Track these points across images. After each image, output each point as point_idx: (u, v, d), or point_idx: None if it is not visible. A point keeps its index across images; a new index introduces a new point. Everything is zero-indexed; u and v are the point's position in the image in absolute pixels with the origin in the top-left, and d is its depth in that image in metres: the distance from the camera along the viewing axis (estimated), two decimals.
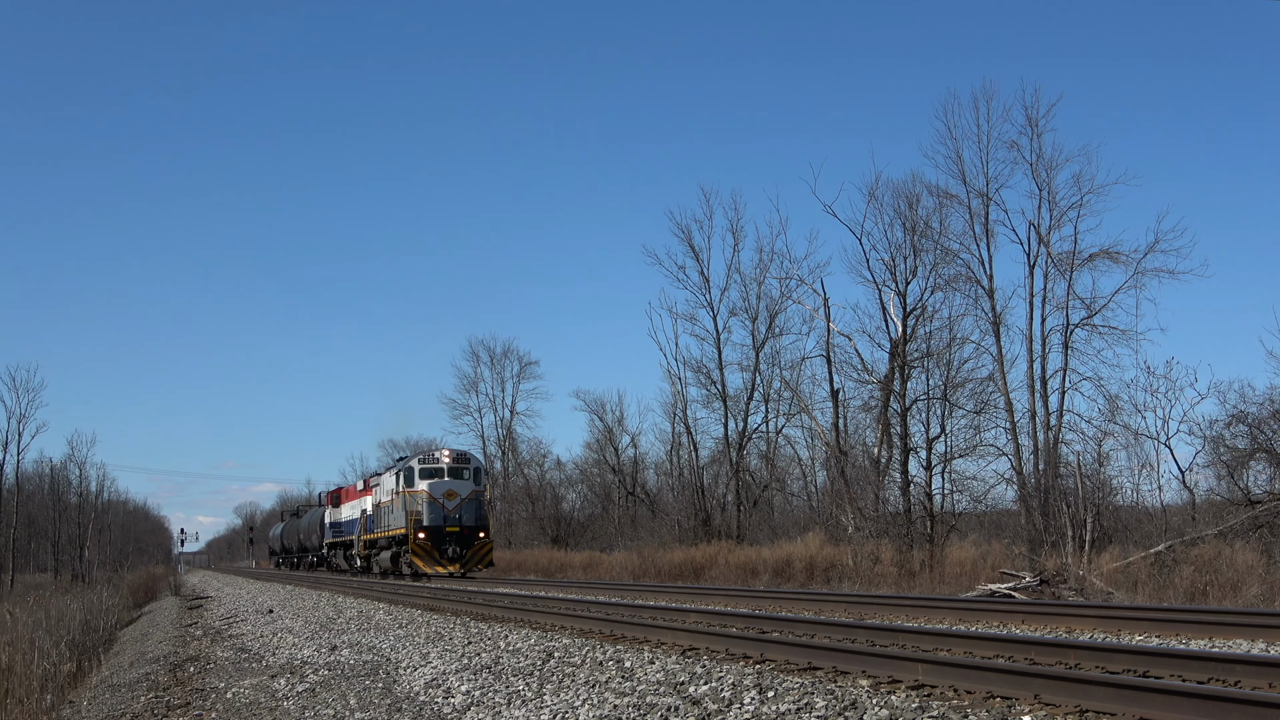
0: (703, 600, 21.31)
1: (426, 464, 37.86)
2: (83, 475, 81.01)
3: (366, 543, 44.02)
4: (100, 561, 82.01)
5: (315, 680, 11.59)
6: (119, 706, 11.72)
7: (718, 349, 42.62)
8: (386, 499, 40.26)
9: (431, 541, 35.91)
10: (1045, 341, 30.48)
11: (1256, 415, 26.61)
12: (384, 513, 40.56)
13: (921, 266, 33.26)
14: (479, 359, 62.86)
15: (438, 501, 36.47)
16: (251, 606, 26.14)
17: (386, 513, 40.11)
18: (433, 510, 36.29)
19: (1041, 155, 30.89)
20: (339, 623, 18.40)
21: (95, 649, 20.58)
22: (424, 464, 37.87)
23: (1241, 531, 23.51)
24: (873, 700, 7.76)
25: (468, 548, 36.26)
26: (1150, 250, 29.16)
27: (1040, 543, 25.27)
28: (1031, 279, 30.93)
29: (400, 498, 37.69)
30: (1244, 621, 11.98)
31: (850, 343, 34.89)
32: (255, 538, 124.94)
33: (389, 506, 39.79)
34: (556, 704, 8.80)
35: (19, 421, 64.43)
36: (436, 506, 36.36)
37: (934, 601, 17.30)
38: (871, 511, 31.68)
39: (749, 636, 11.59)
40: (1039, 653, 9.72)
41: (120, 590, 41.69)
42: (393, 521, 38.97)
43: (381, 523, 41.02)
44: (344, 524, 50.33)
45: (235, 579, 58.24)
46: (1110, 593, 20.41)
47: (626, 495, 53.50)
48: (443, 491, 36.62)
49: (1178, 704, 6.75)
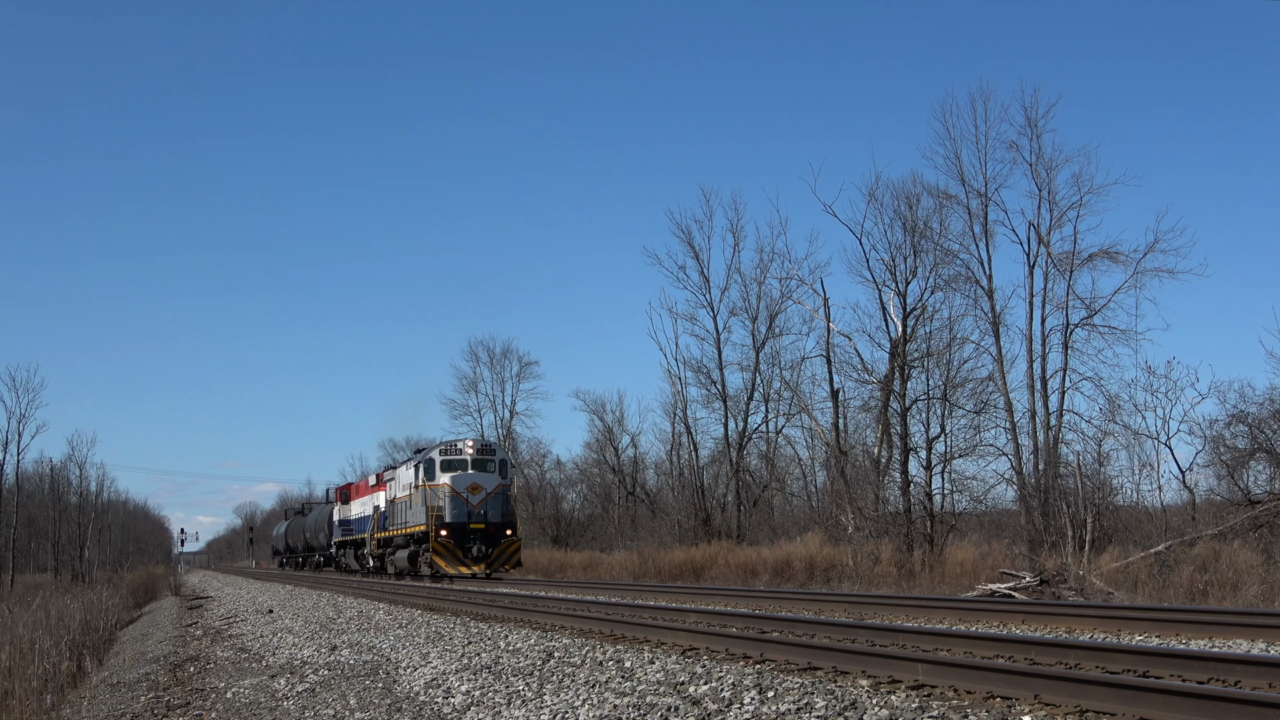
0: (703, 600, 21.31)
1: (449, 455, 35.20)
2: (83, 475, 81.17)
3: (380, 541, 41.80)
4: (100, 561, 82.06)
5: (315, 680, 11.59)
6: (119, 706, 11.72)
7: (718, 349, 42.69)
8: (403, 494, 37.95)
9: (454, 540, 33.39)
10: (1045, 341, 30.52)
11: (1256, 415, 26.64)
12: (400, 509, 38.24)
13: (921, 266, 33.33)
14: (478, 359, 62.84)
15: (461, 496, 33.94)
16: (251, 606, 26.14)
17: (403, 509, 37.79)
18: (456, 505, 33.78)
19: (1041, 155, 30.96)
20: (339, 623, 18.40)
21: (95, 649, 20.59)
22: (446, 455, 35.21)
23: (1241, 531, 23.52)
24: (873, 700, 7.76)
25: (493, 546, 33.82)
26: (1150, 250, 29.24)
27: (1040, 543, 25.28)
28: (1031, 279, 30.99)
29: (420, 492, 35.25)
30: (1244, 621, 11.98)
31: (850, 343, 34.96)
32: (255, 537, 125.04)
33: (406, 502, 37.34)
34: (556, 704, 8.80)
35: (19, 421, 64.56)
36: (460, 501, 33.86)
37: (934, 601, 17.30)
38: (871, 511, 31.68)
39: (749, 636, 11.59)
40: (1039, 653, 9.72)
41: (120, 590, 41.70)
42: (410, 518, 36.52)
43: (397, 519, 38.76)
44: (354, 522, 48.08)
45: (235, 579, 58.24)
46: (1110, 593, 20.41)
47: (626, 495, 53.50)
48: (466, 485, 34.10)
49: (1178, 704, 6.75)
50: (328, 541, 54.80)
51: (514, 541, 34.40)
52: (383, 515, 41.30)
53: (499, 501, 34.50)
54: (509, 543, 34.19)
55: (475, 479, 34.36)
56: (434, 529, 33.41)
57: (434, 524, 33.49)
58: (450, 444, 36.05)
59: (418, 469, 35.71)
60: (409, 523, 36.67)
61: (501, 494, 34.71)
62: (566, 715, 8.39)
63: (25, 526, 72.36)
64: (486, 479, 34.61)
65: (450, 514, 33.69)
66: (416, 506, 35.57)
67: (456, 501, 33.82)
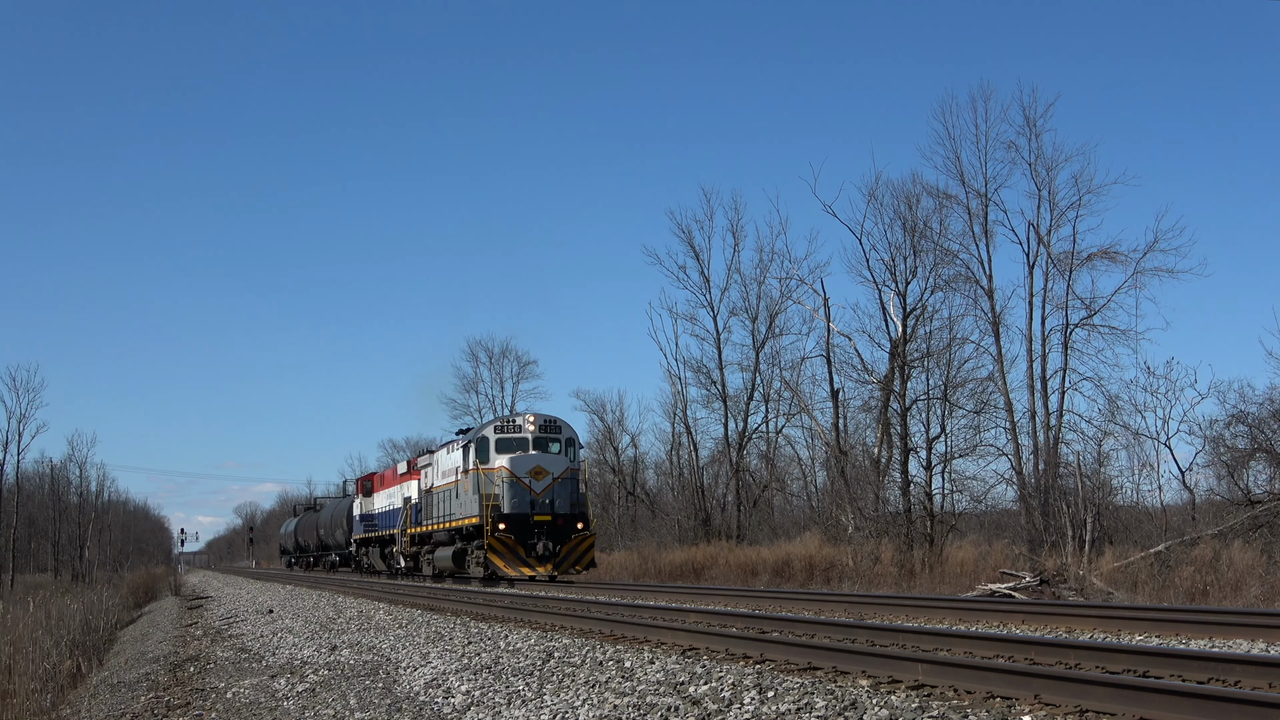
0: (703, 600, 21.31)
1: (506, 433, 30.17)
2: (83, 475, 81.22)
3: (416, 538, 36.80)
4: (100, 561, 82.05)
5: (315, 680, 11.59)
6: (119, 706, 11.72)
7: (718, 349, 42.67)
8: (444, 482, 33.10)
9: (515, 535, 28.39)
10: (1045, 341, 30.54)
11: (1256, 415, 26.66)
12: (440, 500, 33.38)
13: (921, 267, 33.36)
14: (478, 359, 62.79)
15: (522, 482, 28.78)
16: (251, 606, 26.13)
17: (444, 499, 32.90)
18: (516, 493, 28.68)
19: (1040, 155, 30.98)
20: (339, 623, 18.40)
21: (95, 649, 20.59)
22: (502, 433, 30.19)
23: (1241, 531, 23.53)
24: (873, 700, 7.76)
25: (562, 542, 28.76)
26: (1150, 250, 29.28)
27: (1040, 543, 25.30)
28: (1031, 279, 31.02)
29: (470, 478, 30.01)
30: (1244, 621, 11.98)
31: (850, 343, 34.98)
32: (256, 537, 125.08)
33: (449, 491, 32.36)
34: (556, 704, 8.80)
35: (19, 421, 64.55)
36: (520, 489, 28.74)
37: (934, 601, 17.31)
38: (871, 511, 31.70)
39: (749, 636, 11.59)
40: (1039, 653, 9.72)
41: (120, 590, 41.68)
42: (456, 509, 31.56)
43: (436, 512, 33.90)
44: (379, 516, 43.28)
45: (235, 579, 58.23)
46: (1110, 593, 20.42)
47: (626, 495, 53.48)
48: (528, 469, 28.95)
49: (1178, 704, 6.75)
50: (346, 539, 51.00)
51: (587, 537, 29.30)
52: (415, 508, 36.90)
53: (567, 488, 29.43)
54: (581, 539, 29.14)
55: (539, 461, 29.33)
56: (490, 522, 28.43)
57: (490, 515, 28.48)
58: (506, 419, 31.21)
59: (466, 451, 30.61)
60: (453, 515, 31.79)
61: (570, 480, 29.61)
62: (566, 715, 8.39)
63: (25, 526, 72.38)
64: (552, 461, 29.68)
65: (510, 503, 28.62)
66: (465, 495, 30.66)
67: (516, 488, 28.78)
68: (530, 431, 30.19)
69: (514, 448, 29.75)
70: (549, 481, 29.06)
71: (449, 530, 32.17)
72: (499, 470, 29.11)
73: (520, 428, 30.31)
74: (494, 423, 31.02)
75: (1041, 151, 30.96)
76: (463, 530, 30.81)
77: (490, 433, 30.29)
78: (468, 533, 30.38)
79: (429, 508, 34.77)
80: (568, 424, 31.13)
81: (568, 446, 30.57)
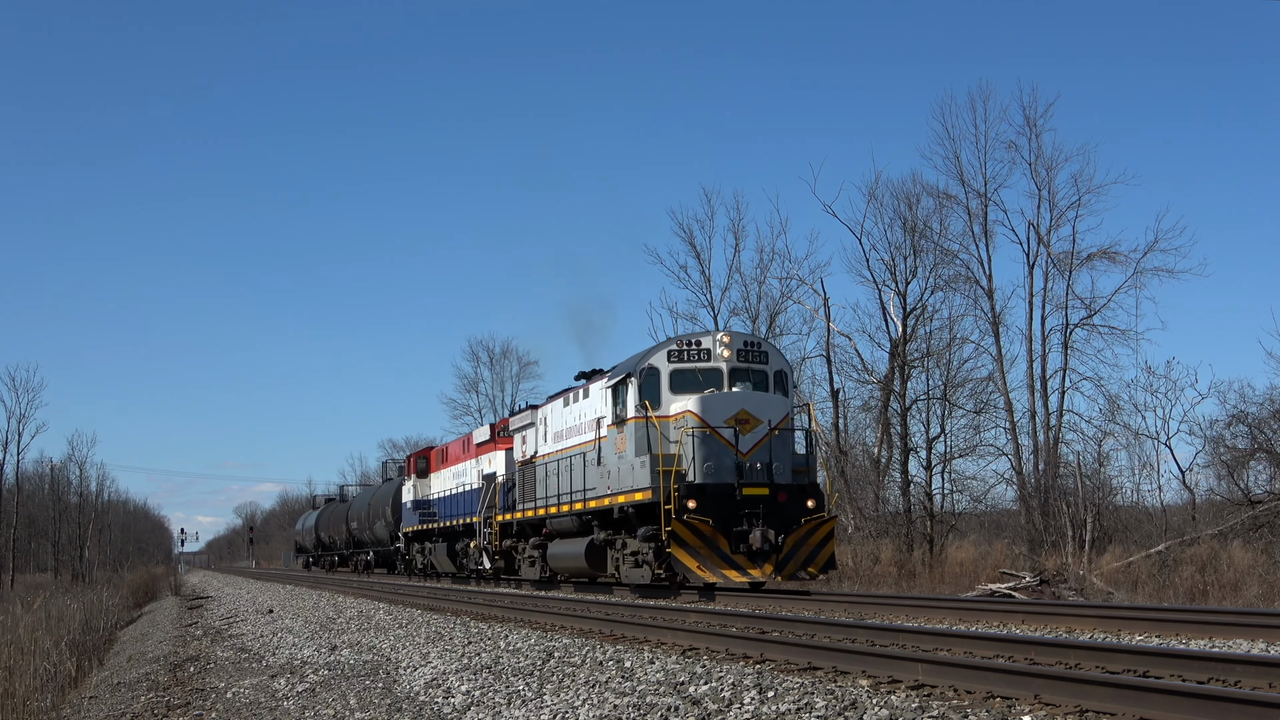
0: (702, 600, 21.28)
1: (687, 361, 20.08)
2: (83, 475, 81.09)
3: (511, 526, 27.26)
4: (100, 561, 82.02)
5: (315, 680, 11.58)
6: (119, 706, 11.72)
7: None
8: (565, 445, 23.69)
9: (715, 518, 18.59)
10: (1045, 341, 30.58)
11: (1256, 415, 26.71)
12: (557, 471, 23.84)
13: (921, 267, 33.40)
14: (478, 359, 62.68)
15: (719, 436, 19.00)
16: (251, 606, 26.13)
17: (567, 469, 23.14)
18: (711, 453, 18.97)
19: (1040, 155, 31.06)
20: (339, 623, 18.40)
21: (95, 649, 20.59)
22: (680, 361, 20.08)
23: (1241, 531, 23.55)
24: (873, 700, 7.76)
25: (786, 530, 18.89)
26: (1150, 250, 29.36)
27: (1040, 543, 25.33)
28: (1031, 279, 31.06)
29: (629, 431, 20.22)
30: (1244, 621, 11.98)
31: (850, 343, 34.99)
32: (255, 537, 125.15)
33: (576, 457, 22.72)
34: (556, 704, 8.80)
35: (19, 421, 64.48)
36: (718, 446, 18.99)
37: (934, 601, 17.29)
38: (871, 511, 31.71)
39: (749, 636, 11.59)
40: (1039, 653, 9.72)
41: (120, 590, 41.62)
42: (596, 482, 21.68)
43: (549, 488, 24.40)
44: (439, 502, 34.56)
45: (235, 579, 58.21)
46: (1110, 593, 20.42)
47: None
48: (728, 414, 19.13)
49: (1178, 704, 6.75)
50: (389, 533, 42.02)
51: (823, 523, 19.39)
52: (505, 486, 28.11)
53: (787, 447, 19.77)
54: (814, 524, 19.25)
55: (743, 403, 19.36)
56: (674, 497, 18.60)
57: (671, 486, 18.67)
58: (688, 339, 20.71)
59: (618, 391, 20.83)
60: (588, 491, 22.03)
61: (789, 433, 19.96)
62: (566, 715, 8.39)
63: (25, 526, 72.34)
64: (763, 404, 19.53)
65: (702, 469, 18.97)
66: (613, 460, 20.94)
67: (712, 445, 19.03)
68: (725, 358, 20.07)
69: (701, 383, 19.91)
70: (762, 433, 19.16)
71: (579, 516, 22.62)
72: (680, 417, 19.39)
73: (710, 353, 20.16)
74: (667, 347, 20.40)
75: (1041, 151, 31.05)
76: (606, 514, 21.22)
77: (661, 360, 20.09)
78: (620, 518, 20.65)
79: (530, 484, 25.94)
80: (775, 348, 21.62)
81: (779, 381, 20.49)
